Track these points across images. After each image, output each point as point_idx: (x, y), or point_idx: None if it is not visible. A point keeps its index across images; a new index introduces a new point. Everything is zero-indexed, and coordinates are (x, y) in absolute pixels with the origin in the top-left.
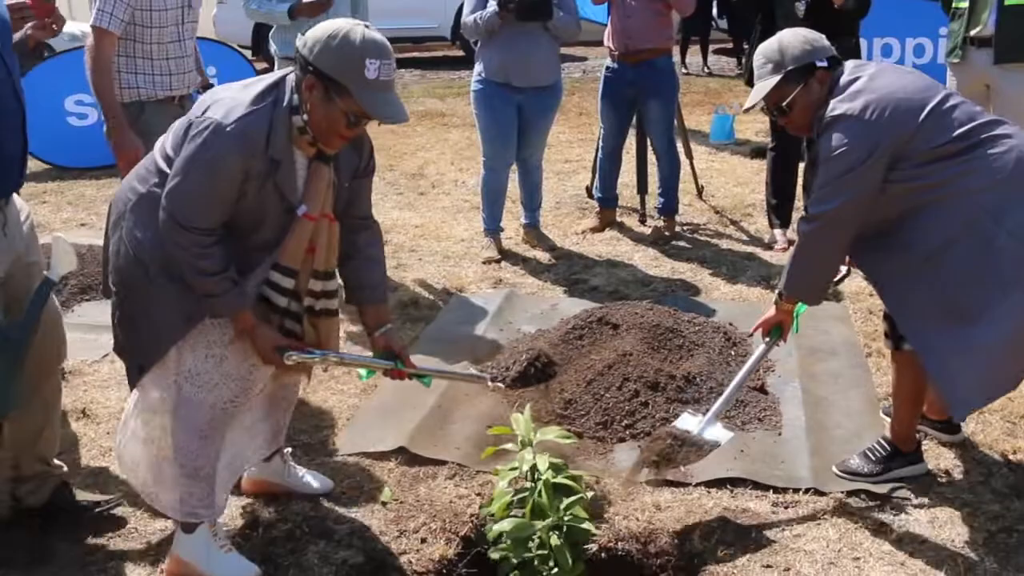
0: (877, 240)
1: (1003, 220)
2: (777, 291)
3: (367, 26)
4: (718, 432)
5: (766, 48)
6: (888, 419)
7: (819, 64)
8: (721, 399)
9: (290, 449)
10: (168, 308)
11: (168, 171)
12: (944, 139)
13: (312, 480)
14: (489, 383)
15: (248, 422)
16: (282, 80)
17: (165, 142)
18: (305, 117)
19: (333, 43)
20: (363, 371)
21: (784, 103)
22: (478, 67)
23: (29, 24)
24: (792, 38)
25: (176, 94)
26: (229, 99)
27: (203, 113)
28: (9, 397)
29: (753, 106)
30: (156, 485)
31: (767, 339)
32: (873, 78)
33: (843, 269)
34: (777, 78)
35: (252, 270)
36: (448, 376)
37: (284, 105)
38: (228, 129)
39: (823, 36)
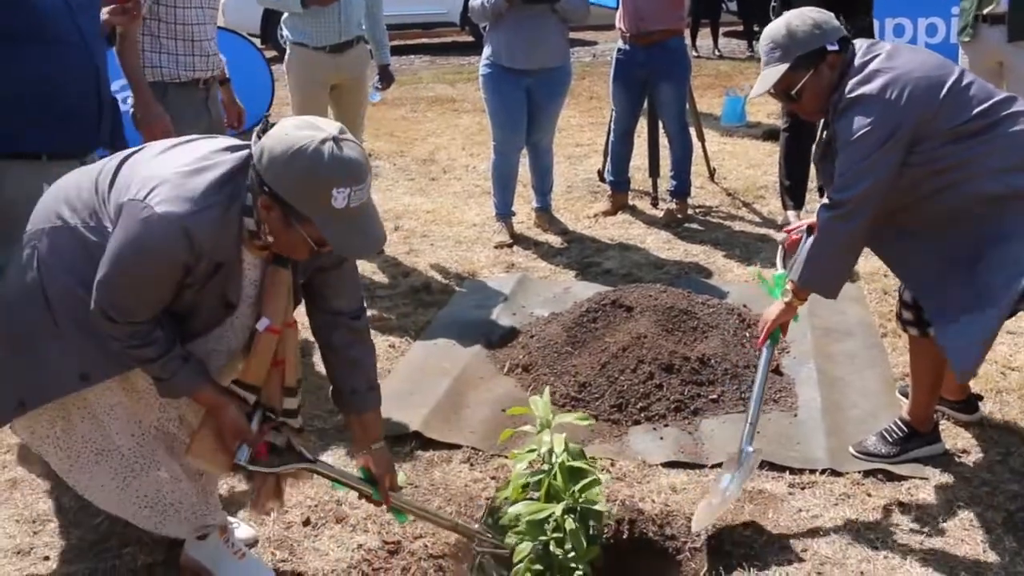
0: (897, 229)
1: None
2: (789, 285)
3: (337, 138)
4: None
5: (773, 31)
6: (904, 400)
7: (830, 48)
8: (746, 428)
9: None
10: (65, 358)
11: (103, 214)
12: (965, 117)
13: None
14: (475, 546)
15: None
16: (241, 170)
17: (107, 188)
18: (259, 230)
19: (295, 165)
20: (331, 483)
21: (793, 90)
22: (486, 51)
23: (107, 8)
24: (800, 21)
25: (200, 77)
26: (177, 184)
27: (146, 196)
28: None
29: (761, 93)
30: (159, 517)
31: (767, 345)
32: (890, 57)
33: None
34: (785, 66)
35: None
36: (429, 519)
37: (237, 204)
38: (172, 226)
39: (832, 16)
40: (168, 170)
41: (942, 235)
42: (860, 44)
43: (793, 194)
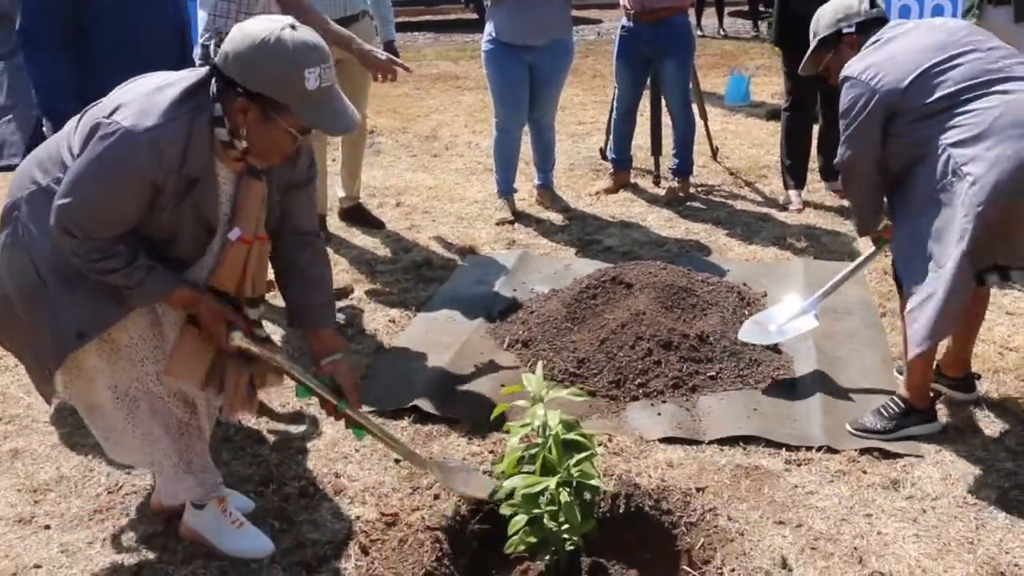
0: (891, 194)
1: (966, 173)
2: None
3: (294, 25)
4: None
5: (813, 19)
6: (901, 378)
7: (846, 30)
8: (825, 288)
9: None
10: (66, 314)
11: (70, 160)
12: (930, 98)
13: (234, 501)
14: (426, 468)
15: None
16: (203, 84)
17: (72, 134)
18: (237, 135)
19: (263, 56)
20: (299, 389)
21: (820, 67)
22: (488, 27)
23: None
24: (828, 8)
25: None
26: (142, 101)
27: (111, 115)
28: None
29: (806, 73)
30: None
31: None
32: (889, 40)
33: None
34: (813, 45)
35: None
36: (386, 442)
37: (205, 115)
38: (138, 139)
39: (859, 3)
40: (131, 94)
41: (918, 207)
42: (887, 25)
43: (794, 173)
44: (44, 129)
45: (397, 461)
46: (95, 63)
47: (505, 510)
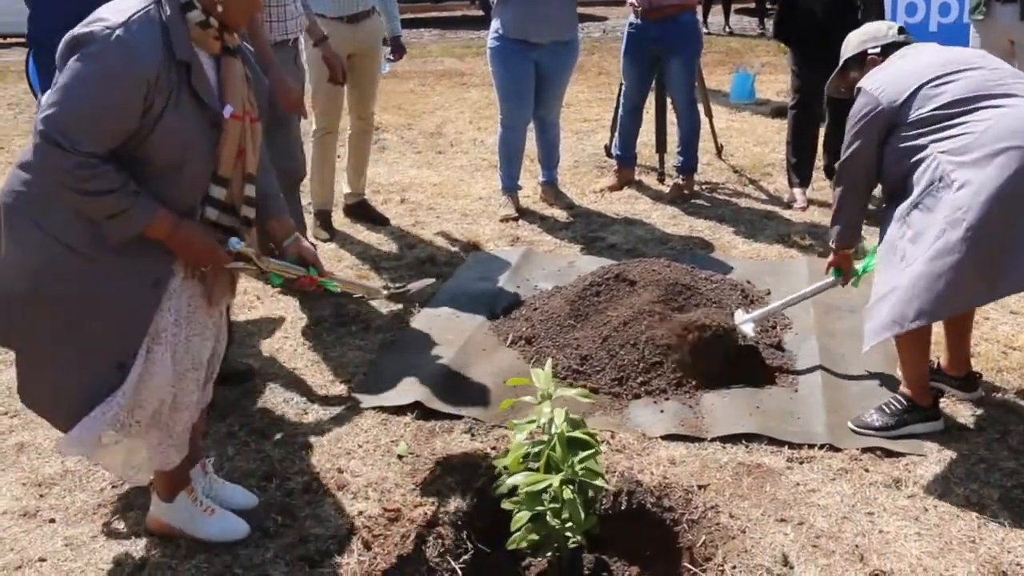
0: (886, 208)
1: (952, 180)
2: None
3: None
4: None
5: (844, 42)
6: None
7: (871, 52)
8: (769, 308)
9: (212, 458)
10: (128, 288)
11: None
12: (926, 109)
13: (235, 495)
14: (384, 293)
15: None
16: None
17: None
18: (207, 15)
19: None
20: (275, 279)
21: (844, 87)
22: (494, 24)
23: None
24: (858, 32)
25: (291, 37)
26: (111, 8)
27: (87, 26)
28: None
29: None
30: (133, 467)
31: (829, 276)
32: (903, 57)
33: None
34: (840, 65)
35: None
36: (352, 287)
37: (173, 7)
38: (115, 36)
39: (888, 28)
40: (102, 9)
41: (904, 214)
42: (907, 46)
43: (799, 172)
44: None
45: (400, 457)
46: None
47: (508, 506)
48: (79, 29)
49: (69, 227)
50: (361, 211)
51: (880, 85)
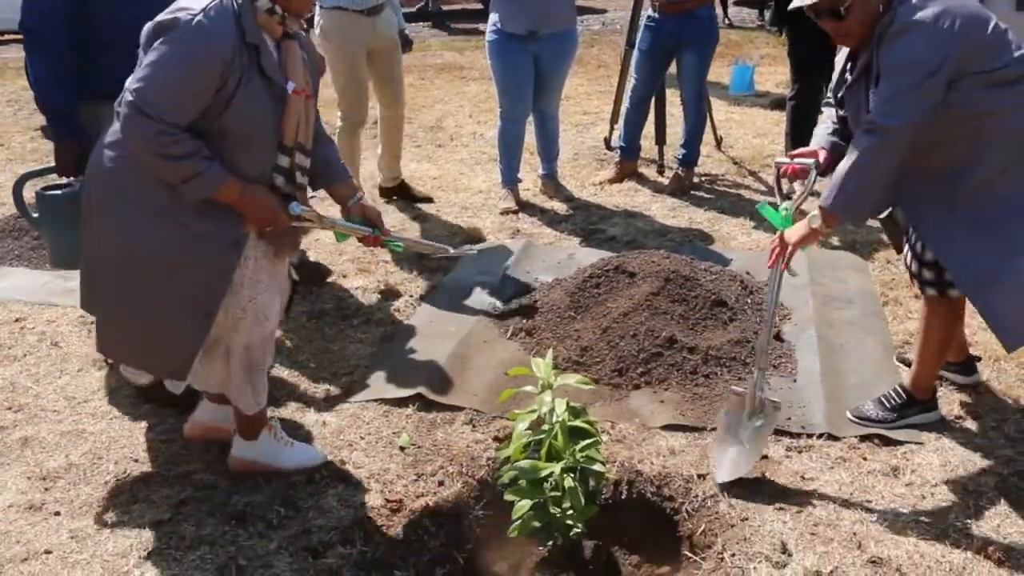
0: (923, 178)
1: None
2: (819, 207)
3: None
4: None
5: None
6: (903, 367)
7: None
8: (756, 374)
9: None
10: (211, 246)
11: None
12: (1003, 62)
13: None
14: (451, 251)
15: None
16: None
17: None
18: (272, 3)
19: None
20: (340, 236)
21: (842, 6)
22: (492, 17)
23: None
24: None
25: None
26: (189, 1)
27: (168, 12)
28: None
29: (801, 6)
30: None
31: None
32: None
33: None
34: None
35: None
36: (417, 246)
37: None
38: (195, 22)
39: None
40: (175, 4)
41: (967, 193)
42: None
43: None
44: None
45: (402, 448)
46: (98, 54)
47: (510, 496)
48: (164, 16)
49: (156, 198)
50: (402, 192)
51: (954, 20)
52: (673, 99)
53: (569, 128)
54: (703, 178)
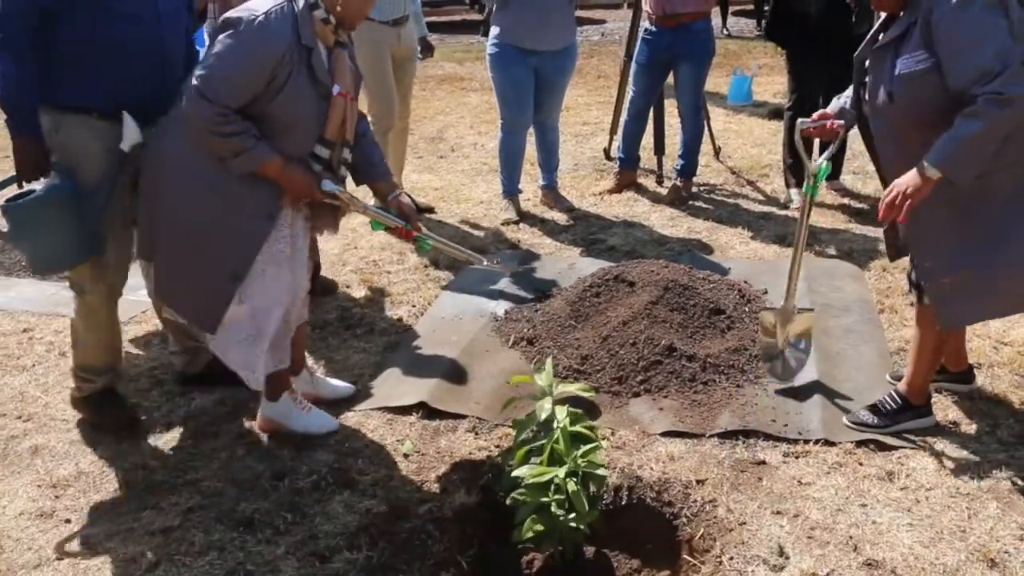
0: (923, 151)
1: None
2: (928, 162)
3: None
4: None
5: None
6: (895, 383)
7: None
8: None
9: (313, 365)
10: (250, 211)
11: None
12: None
13: (336, 387)
14: (485, 263)
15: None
16: None
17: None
18: (328, 13)
19: None
20: (373, 223)
21: None
22: (494, 31)
23: None
24: None
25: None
26: (256, 2)
27: (233, 12)
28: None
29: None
30: (248, 366)
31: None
32: None
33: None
34: None
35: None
36: (447, 248)
37: (302, 4)
38: (257, 22)
39: None
40: (245, 4)
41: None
42: None
43: (796, 172)
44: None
45: (406, 456)
46: (61, 66)
47: (516, 498)
48: (232, 13)
49: (208, 172)
50: None
51: None
52: (672, 110)
53: (569, 139)
54: (701, 188)
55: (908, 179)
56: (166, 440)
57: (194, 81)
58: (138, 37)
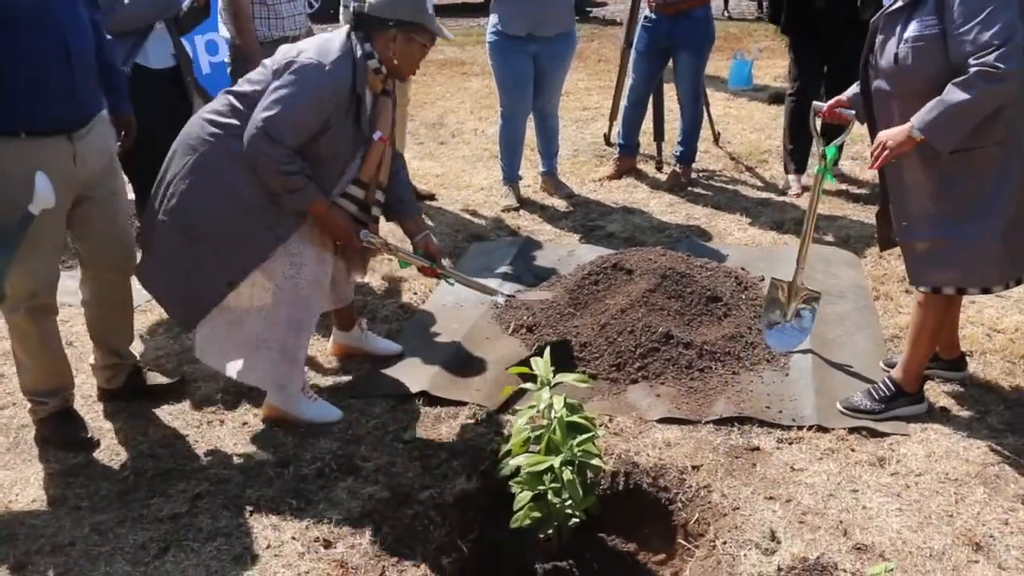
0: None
1: None
2: (914, 123)
3: None
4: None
5: None
6: (888, 371)
7: None
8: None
9: (366, 321)
10: (262, 228)
11: (248, 110)
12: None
13: (385, 345)
14: (501, 298)
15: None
16: (348, 36)
17: (252, 83)
18: (381, 64)
19: None
20: (403, 263)
21: None
22: (493, 19)
23: None
24: None
25: (291, 35)
26: (319, 47)
27: (298, 55)
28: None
29: None
30: (250, 369)
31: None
32: None
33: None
34: None
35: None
36: (469, 284)
37: (360, 54)
38: (327, 68)
39: None
40: (307, 44)
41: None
42: None
43: (795, 157)
44: None
45: (408, 442)
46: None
47: (513, 488)
48: (300, 57)
49: (232, 178)
50: None
51: None
52: (672, 95)
53: (569, 124)
54: (700, 173)
55: (894, 132)
56: (173, 428)
57: (260, 121)
58: (39, 41)
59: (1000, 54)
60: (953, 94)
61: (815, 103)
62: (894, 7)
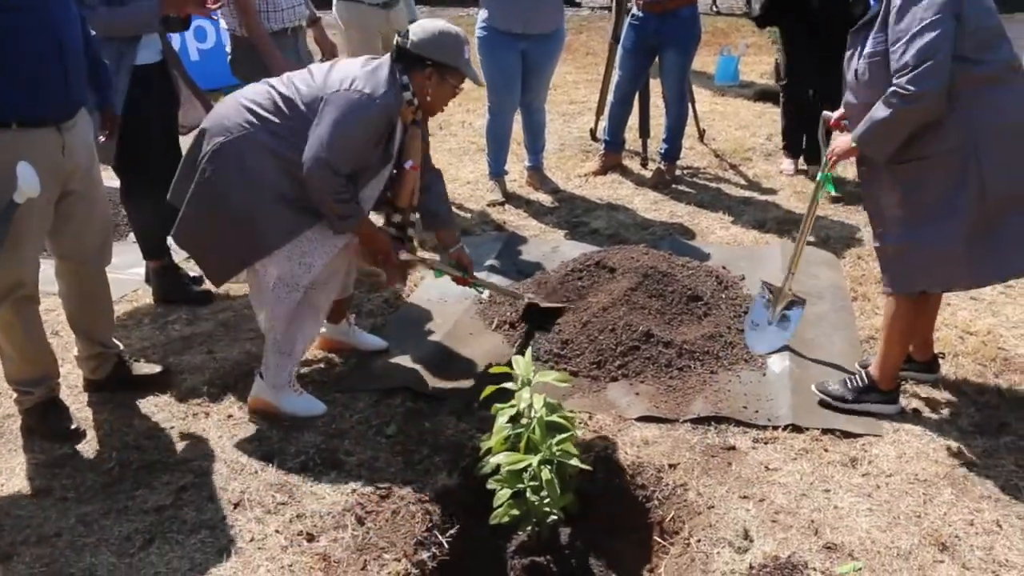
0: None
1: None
2: (855, 135)
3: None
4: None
5: None
6: (863, 371)
7: None
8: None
9: (354, 316)
10: (276, 221)
11: (290, 113)
12: (984, 56)
13: (370, 340)
14: (524, 300)
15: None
16: (391, 67)
17: (297, 90)
18: (414, 97)
19: (447, 39)
20: (437, 273)
21: None
22: (482, 14)
23: None
24: None
25: (290, 26)
26: (367, 79)
27: (350, 86)
28: None
29: None
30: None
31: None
32: None
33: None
34: None
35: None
36: (495, 289)
37: (399, 86)
38: (378, 101)
39: None
40: (355, 71)
41: (907, 157)
42: None
43: (792, 147)
44: None
45: (390, 437)
46: None
47: (493, 485)
48: (353, 89)
49: (264, 171)
50: None
51: None
52: (657, 91)
53: (556, 118)
54: (685, 171)
55: (842, 141)
56: (158, 420)
57: (324, 152)
58: (29, 30)
59: (912, 76)
60: (878, 110)
61: (824, 112)
62: (860, 23)
